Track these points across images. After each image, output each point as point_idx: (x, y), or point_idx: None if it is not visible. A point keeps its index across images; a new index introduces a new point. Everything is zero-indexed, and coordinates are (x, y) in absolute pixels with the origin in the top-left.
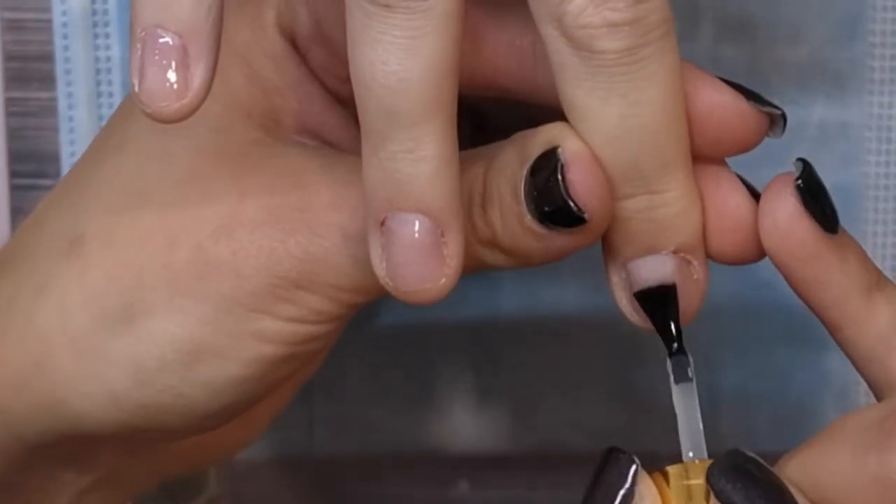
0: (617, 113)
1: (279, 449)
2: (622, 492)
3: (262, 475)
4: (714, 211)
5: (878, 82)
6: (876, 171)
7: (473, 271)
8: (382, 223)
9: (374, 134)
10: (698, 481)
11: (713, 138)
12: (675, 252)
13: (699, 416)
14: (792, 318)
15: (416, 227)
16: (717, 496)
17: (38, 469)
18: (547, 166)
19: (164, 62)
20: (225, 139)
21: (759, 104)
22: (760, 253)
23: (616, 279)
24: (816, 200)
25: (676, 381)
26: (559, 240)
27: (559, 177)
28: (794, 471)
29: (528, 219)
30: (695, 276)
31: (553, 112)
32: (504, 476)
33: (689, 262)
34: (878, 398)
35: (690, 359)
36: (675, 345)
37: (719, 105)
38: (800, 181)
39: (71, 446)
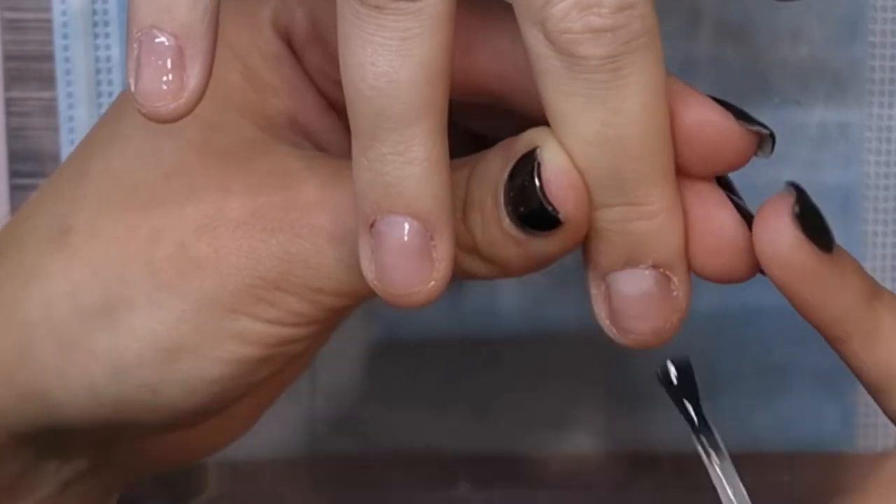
0: (596, 119)
1: (280, 449)
2: None
3: (263, 475)
4: (697, 230)
5: (879, 82)
6: (876, 171)
7: (454, 279)
8: (372, 226)
9: (364, 136)
10: None
11: (700, 156)
12: (653, 267)
13: (744, 492)
14: (791, 317)
15: (406, 230)
16: None
17: (22, 459)
18: (525, 168)
19: (160, 63)
20: (215, 137)
21: (747, 123)
22: (746, 274)
23: (595, 291)
24: (813, 224)
25: (708, 457)
26: (537, 245)
27: (535, 177)
28: None
29: (507, 223)
30: (674, 293)
31: (544, 122)
32: (504, 476)
33: (668, 279)
34: (884, 405)
35: (717, 436)
36: (698, 422)
37: (707, 122)
38: (796, 207)
39: (52, 438)
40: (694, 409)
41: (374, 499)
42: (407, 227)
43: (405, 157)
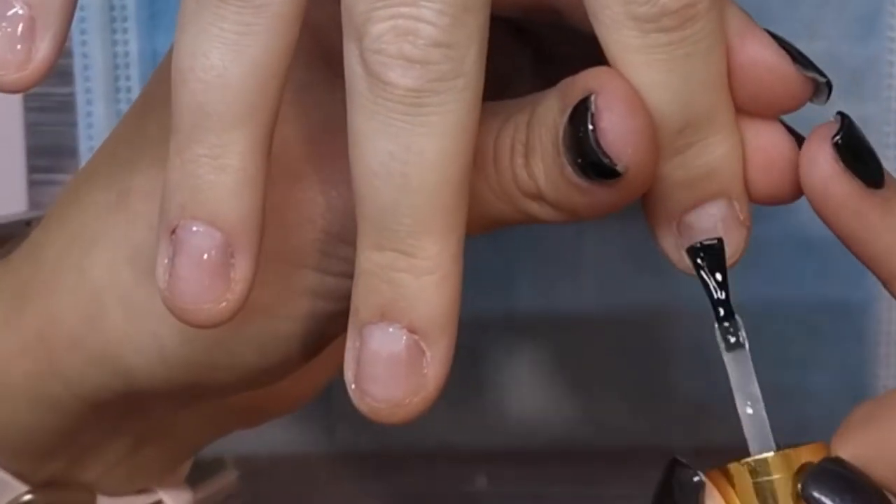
0: (385, 149)
1: (299, 444)
2: None
3: (281, 470)
4: (748, 146)
5: None
6: (895, 167)
7: (523, 223)
8: (173, 232)
9: (182, 133)
10: (771, 476)
11: (751, 95)
12: (409, 330)
13: (757, 388)
14: (809, 312)
15: (205, 241)
16: None
17: (95, 424)
18: (582, 114)
19: (10, 30)
20: None
21: (804, 69)
22: (796, 193)
23: (350, 346)
24: (856, 155)
25: (727, 349)
26: (602, 194)
27: (589, 126)
28: (873, 458)
29: (569, 171)
30: (424, 370)
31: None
32: (522, 471)
33: (421, 350)
34: None
35: (740, 322)
36: (723, 308)
37: (760, 62)
38: (837, 138)
39: (125, 403)
40: (718, 292)
41: (392, 494)
42: (207, 237)
43: (218, 162)
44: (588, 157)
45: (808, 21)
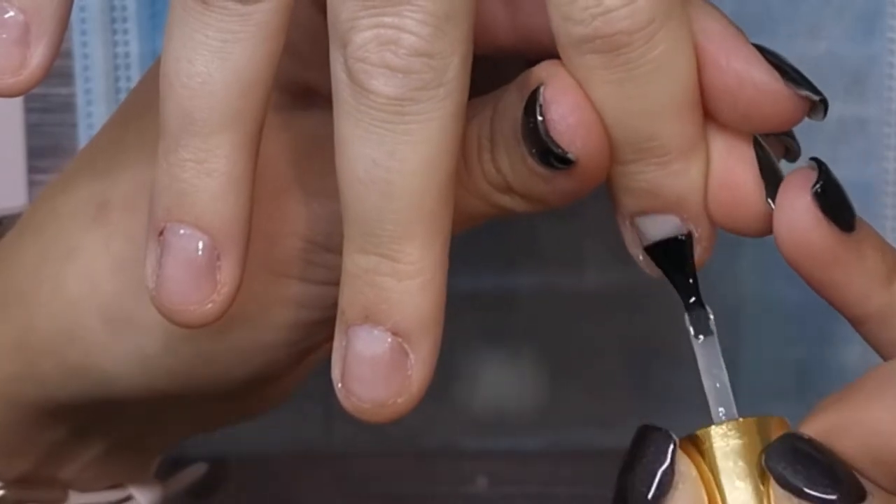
0: (369, 156)
1: (298, 444)
2: (661, 471)
3: (281, 470)
4: (716, 179)
5: None
6: (895, 167)
7: (498, 217)
8: (161, 234)
9: (169, 137)
10: (737, 441)
11: (742, 114)
12: (393, 333)
13: (724, 371)
14: (811, 313)
15: (192, 244)
16: (778, 481)
17: (67, 426)
18: (532, 105)
19: (4, 36)
20: None
21: (796, 86)
22: (758, 232)
23: (336, 345)
24: (834, 203)
25: (696, 336)
26: (562, 181)
27: (539, 117)
28: (840, 434)
29: (531, 161)
30: (408, 372)
31: None
32: (522, 472)
33: (405, 352)
34: None
35: (709, 311)
36: (692, 298)
37: (748, 81)
38: (817, 186)
39: (100, 407)
40: (687, 284)
41: (392, 495)
42: (194, 240)
43: (204, 166)
44: (542, 147)
45: (809, 21)
